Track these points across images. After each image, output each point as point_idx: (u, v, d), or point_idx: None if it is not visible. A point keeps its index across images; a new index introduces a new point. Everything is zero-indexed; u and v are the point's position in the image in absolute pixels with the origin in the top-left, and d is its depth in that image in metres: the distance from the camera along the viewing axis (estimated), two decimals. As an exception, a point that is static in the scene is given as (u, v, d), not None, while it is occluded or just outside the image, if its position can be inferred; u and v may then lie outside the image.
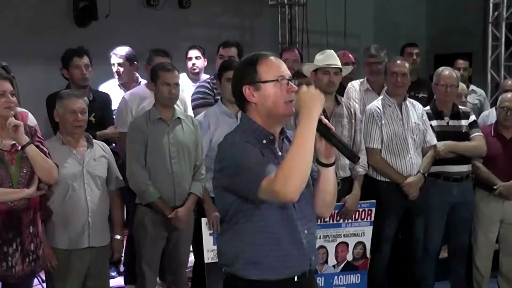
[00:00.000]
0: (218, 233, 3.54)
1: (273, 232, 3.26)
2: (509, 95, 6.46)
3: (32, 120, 5.31)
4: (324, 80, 5.74)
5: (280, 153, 3.33)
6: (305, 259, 3.36)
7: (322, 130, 3.22)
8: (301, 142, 3.01)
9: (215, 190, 3.42)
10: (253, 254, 3.29)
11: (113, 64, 7.07)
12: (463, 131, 6.27)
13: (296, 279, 3.34)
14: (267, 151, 3.27)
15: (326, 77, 5.75)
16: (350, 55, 7.92)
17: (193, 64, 7.60)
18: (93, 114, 5.70)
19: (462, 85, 7.06)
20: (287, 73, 3.34)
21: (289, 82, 3.30)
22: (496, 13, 10.11)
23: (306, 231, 3.35)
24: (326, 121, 3.26)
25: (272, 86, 3.27)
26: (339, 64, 5.80)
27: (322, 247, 5.85)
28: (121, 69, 7.03)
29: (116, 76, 7.10)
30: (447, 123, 6.28)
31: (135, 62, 7.10)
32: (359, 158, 3.22)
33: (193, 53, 7.65)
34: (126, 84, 7.01)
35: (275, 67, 3.32)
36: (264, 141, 3.30)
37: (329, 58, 5.80)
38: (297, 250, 3.31)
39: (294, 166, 2.97)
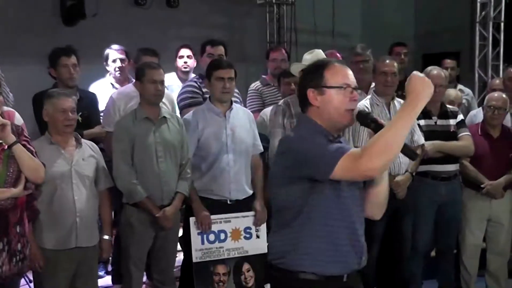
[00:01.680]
0: (272, 230, 3.59)
1: (332, 227, 3.33)
2: (495, 94, 6.48)
3: (19, 119, 5.29)
4: None
5: None
6: (357, 258, 3.43)
7: (378, 129, 3.26)
8: (399, 123, 3.06)
9: (274, 185, 3.50)
10: (309, 246, 3.35)
11: (114, 60, 7.06)
12: (451, 130, 6.28)
13: (345, 279, 3.41)
14: None
15: None
16: (338, 54, 7.92)
17: (185, 63, 7.60)
18: (80, 113, 5.67)
19: (457, 93, 7.10)
20: (353, 82, 3.40)
21: (353, 91, 3.36)
22: (483, 13, 10.14)
23: (359, 232, 3.43)
24: (382, 121, 3.34)
25: (336, 92, 3.34)
26: None
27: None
28: (124, 64, 7.04)
29: (117, 73, 7.07)
30: (435, 122, 6.29)
31: (130, 60, 7.11)
32: (417, 154, 3.26)
33: (185, 51, 7.64)
34: (123, 82, 6.98)
35: (342, 74, 3.39)
36: (331, 138, 3.38)
37: (317, 58, 5.79)
38: (352, 247, 3.39)
39: (387, 143, 3.02)
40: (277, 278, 3.53)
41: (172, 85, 7.29)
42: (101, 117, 6.45)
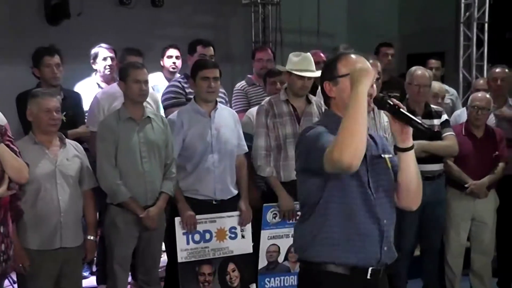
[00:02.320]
0: (297, 221, 3.65)
1: (350, 220, 3.35)
2: (479, 94, 6.51)
3: (2, 119, 5.24)
4: (298, 84, 5.80)
5: None
6: (377, 249, 3.41)
7: (393, 109, 3.32)
8: (350, 114, 3.10)
9: (297, 176, 3.57)
10: (330, 235, 3.37)
11: (105, 58, 7.04)
12: (435, 130, 6.29)
13: (369, 275, 3.41)
14: None
15: (300, 82, 5.81)
16: (322, 54, 7.94)
17: (173, 63, 7.60)
18: (64, 113, 5.65)
19: (440, 86, 7.12)
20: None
21: None
22: (467, 14, 10.17)
23: (385, 221, 3.41)
24: (396, 101, 3.35)
25: (348, 80, 3.33)
26: (313, 69, 5.80)
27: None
28: (114, 63, 7.03)
29: (107, 71, 7.05)
30: (420, 122, 6.30)
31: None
32: (431, 130, 3.29)
33: (175, 52, 7.66)
34: (110, 81, 6.95)
35: (352, 62, 3.41)
36: None
37: (304, 62, 5.81)
38: (372, 238, 3.39)
39: (346, 135, 3.06)
40: (302, 270, 3.57)
41: (158, 85, 7.29)
42: (86, 117, 6.44)
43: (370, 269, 3.41)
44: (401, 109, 3.32)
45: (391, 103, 3.34)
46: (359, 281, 3.40)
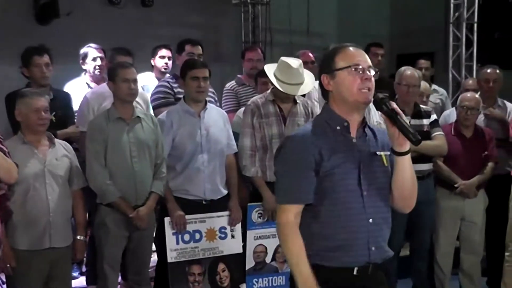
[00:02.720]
0: None
1: (333, 220, 3.35)
2: (468, 94, 6.53)
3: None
4: (282, 94, 5.79)
5: (355, 140, 3.40)
6: (363, 249, 3.39)
7: (389, 113, 3.30)
8: (290, 263, 3.38)
9: None
10: (316, 235, 3.37)
11: (94, 59, 7.01)
12: (425, 130, 6.28)
13: (355, 272, 3.40)
14: (341, 138, 3.37)
15: (284, 94, 5.79)
16: (310, 54, 7.94)
17: (165, 63, 7.60)
18: (54, 113, 5.64)
19: (425, 85, 7.11)
20: (365, 62, 3.39)
21: (365, 70, 3.35)
22: (457, 14, 10.20)
23: (371, 220, 3.39)
24: (395, 105, 3.33)
25: (346, 74, 3.35)
26: (301, 81, 5.76)
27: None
28: (103, 63, 7.00)
29: (97, 71, 7.02)
30: (409, 122, 6.29)
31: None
32: (420, 141, 3.29)
33: (167, 52, 7.66)
34: (100, 81, 6.93)
35: (350, 56, 3.40)
36: (338, 128, 3.40)
37: (292, 77, 5.74)
38: (354, 240, 3.37)
39: (285, 248, 3.38)
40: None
41: (148, 84, 7.27)
42: (76, 117, 6.42)
43: (355, 268, 3.39)
44: (398, 116, 3.30)
45: (389, 106, 3.32)
46: (346, 276, 3.39)
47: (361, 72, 3.33)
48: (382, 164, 3.44)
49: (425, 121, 6.33)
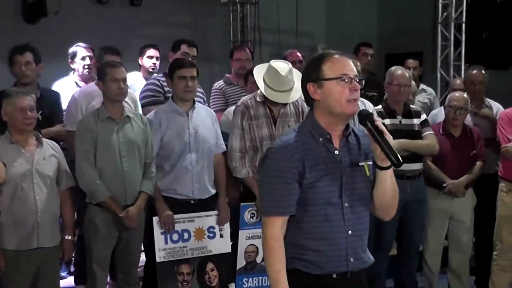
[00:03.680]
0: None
1: (311, 230, 3.34)
2: (457, 94, 6.54)
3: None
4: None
5: (337, 152, 3.36)
6: (341, 260, 3.38)
7: (372, 131, 3.27)
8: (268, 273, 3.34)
9: None
10: (295, 249, 3.37)
11: (83, 58, 7.01)
12: (415, 129, 6.31)
13: (335, 276, 3.39)
14: (323, 150, 3.35)
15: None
16: (298, 54, 7.96)
17: (154, 64, 7.59)
18: (41, 112, 5.63)
19: (412, 83, 7.12)
20: (352, 71, 3.36)
21: (353, 81, 3.32)
22: (445, 14, 10.21)
23: (350, 232, 3.38)
24: (380, 124, 3.30)
25: (335, 84, 3.31)
26: (289, 88, 5.69)
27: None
28: (92, 62, 6.99)
29: (86, 70, 7.01)
30: (400, 121, 6.31)
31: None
32: (401, 163, 3.26)
33: (155, 52, 7.67)
34: (88, 80, 6.92)
35: (339, 65, 3.35)
36: (321, 139, 3.37)
37: (281, 84, 5.68)
38: (333, 251, 3.36)
39: (266, 261, 3.36)
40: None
41: (135, 84, 7.26)
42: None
43: (334, 274, 3.39)
44: (382, 134, 3.26)
45: (374, 123, 3.28)
46: (325, 281, 3.38)
47: (349, 82, 3.31)
48: (364, 174, 3.41)
49: (416, 121, 6.34)
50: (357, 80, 3.34)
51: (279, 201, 3.32)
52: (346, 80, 3.30)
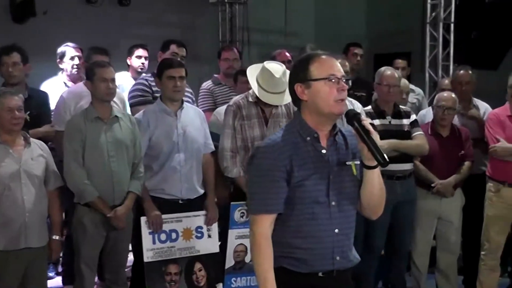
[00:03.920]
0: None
1: (298, 229, 3.34)
2: (445, 94, 6.54)
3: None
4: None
5: (324, 151, 3.37)
6: (327, 259, 3.39)
7: (359, 131, 3.28)
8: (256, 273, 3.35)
9: None
10: (282, 248, 3.37)
11: (72, 58, 7.01)
12: (405, 130, 6.31)
13: (321, 274, 3.40)
14: (310, 149, 3.35)
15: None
16: (287, 54, 7.96)
17: (142, 63, 7.58)
18: (28, 112, 5.62)
19: (404, 82, 7.13)
20: (339, 72, 3.37)
21: (340, 81, 3.33)
22: (433, 14, 10.24)
23: (336, 230, 3.39)
24: (367, 123, 3.30)
25: (323, 84, 3.32)
26: (282, 90, 5.65)
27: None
28: (81, 62, 6.99)
29: (75, 70, 7.01)
30: (389, 122, 6.31)
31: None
32: (388, 163, 3.26)
33: (143, 52, 7.65)
34: (77, 80, 6.90)
35: (326, 66, 3.37)
36: (308, 138, 3.37)
37: (274, 86, 5.67)
38: (319, 250, 3.37)
39: (255, 260, 3.36)
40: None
41: (123, 84, 7.24)
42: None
43: (320, 273, 3.40)
44: (369, 134, 3.27)
45: (361, 123, 3.29)
46: (311, 279, 3.39)
47: (337, 82, 3.32)
48: (351, 173, 3.41)
49: (405, 121, 6.34)
50: (344, 80, 3.36)
51: (267, 199, 3.32)
52: (334, 80, 3.31)
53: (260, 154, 3.39)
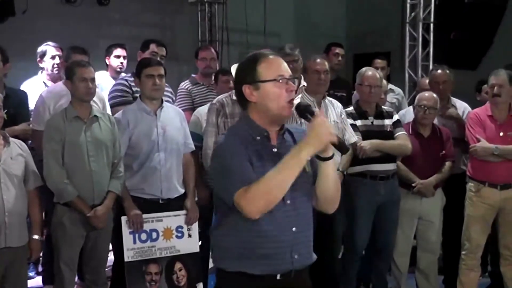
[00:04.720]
0: (212, 227, 3.58)
1: (256, 229, 3.28)
2: (426, 94, 6.55)
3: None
4: None
5: (275, 150, 3.35)
6: (286, 258, 3.36)
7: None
8: (287, 165, 3.15)
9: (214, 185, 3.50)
10: (239, 250, 3.33)
11: (53, 57, 6.99)
12: (388, 130, 6.33)
13: (278, 277, 3.36)
14: (261, 147, 3.33)
15: None
16: (268, 53, 7.93)
17: (121, 63, 7.55)
18: (6, 110, 5.58)
19: (383, 82, 7.14)
20: (287, 72, 3.35)
21: (289, 81, 3.31)
22: (413, 14, 10.30)
23: (294, 229, 3.36)
24: (320, 113, 3.29)
25: (272, 86, 3.30)
26: None
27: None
28: (61, 61, 6.96)
29: (55, 70, 6.99)
30: (372, 122, 6.32)
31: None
32: (348, 149, 3.24)
33: (122, 52, 7.62)
34: (57, 80, 6.87)
35: (275, 67, 3.34)
36: (258, 138, 3.35)
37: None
38: (278, 249, 3.33)
39: (269, 187, 3.13)
40: (220, 276, 3.52)
41: (102, 83, 7.21)
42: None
43: (278, 275, 3.37)
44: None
45: (314, 114, 3.28)
46: (269, 281, 3.36)
47: (285, 83, 3.31)
48: (304, 170, 3.31)
49: (387, 122, 6.36)
50: (293, 80, 3.35)
51: (244, 172, 3.21)
52: (282, 81, 3.30)
53: (222, 147, 3.36)
